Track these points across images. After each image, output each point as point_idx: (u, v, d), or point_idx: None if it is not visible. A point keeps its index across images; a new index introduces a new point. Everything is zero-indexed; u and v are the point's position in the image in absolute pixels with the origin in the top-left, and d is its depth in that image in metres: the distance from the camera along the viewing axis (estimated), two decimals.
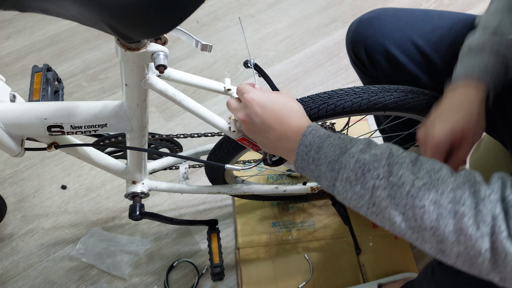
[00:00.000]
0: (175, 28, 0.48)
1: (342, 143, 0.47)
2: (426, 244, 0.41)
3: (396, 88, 0.66)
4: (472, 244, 0.37)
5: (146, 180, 0.83)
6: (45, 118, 0.55)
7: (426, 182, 0.40)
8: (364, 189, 0.43)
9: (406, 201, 0.41)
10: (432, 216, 0.39)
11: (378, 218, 0.44)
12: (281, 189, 0.88)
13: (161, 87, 0.53)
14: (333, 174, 0.46)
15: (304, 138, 0.50)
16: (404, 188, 0.41)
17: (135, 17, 0.28)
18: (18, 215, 1.18)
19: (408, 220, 0.41)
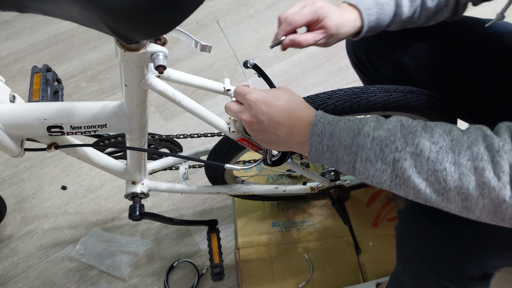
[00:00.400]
0: (175, 29, 0.49)
1: (353, 125, 0.48)
2: (452, 204, 0.43)
3: (395, 88, 0.67)
4: (496, 195, 0.40)
5: (146, 180, 0.83)
6: (45, 119, 0.55)
7: (442, 146, 0.43)
8: (385, 164, 0.45)
9: (427, 167, 0.43)
10: (454, 177, 0.41)
11: (402, 189, 0.45)
12: (281, 189, 0.88)
13: (160, 87, 0.53)
14: (351, 156, 0.47)
15: (315, 128, 0.50)
16: (423, 156, 0.43)
17: (134, 18, 0.28)
18: (17, 216, 1.18)
19: (432, 185, 0.43)
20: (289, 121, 0.52)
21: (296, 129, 0.52)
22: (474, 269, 0.61)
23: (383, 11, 0.65)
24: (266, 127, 0.53)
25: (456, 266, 0.61)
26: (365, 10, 0.64)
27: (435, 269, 0.63)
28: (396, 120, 0.47)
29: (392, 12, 0.66)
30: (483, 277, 0.63)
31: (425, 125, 0.46)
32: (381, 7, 0.65)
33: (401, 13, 0.66)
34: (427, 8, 0.67)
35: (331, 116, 0.51)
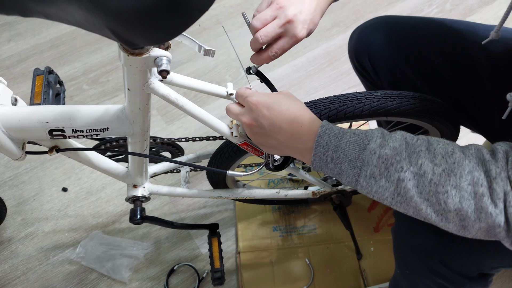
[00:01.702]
0: None
1: (359, 140, 0.48)
2: (450, 224, 0.45)
3: (399, 93, 0.66)
4: (493, 220, 0.42)
5: (147, 184, 0.83)
6: (46, 122, 0.55)
7: (445, 168, 0.44)
8: (389, 182, 0.46)
9: (429, 189, 0.44)
10: (455, 199, 0.43)
11: (402, 206, 0.47)
12: (282, 193, 0.88)
13: (163, 91, 0.53)
14: (355, 171, 0.48)
15: (320, 139, 0.50)
16: (426, 177, 0.44)
17: (139, 23, 0.28)
18: (17, 218, 1.18)
19: (432, 205, 0.44)
20: (290, 127, 0.52)
21: (298, 136, 0.52)
22: (471, 268, 0.62)
23: None
24: (267, 131, 0.53)
25: (451, 265, 0.62)
26: None
27: (430, 268, 0.63)
28: (402, 138, 0.47)
29: None
30: (480, 277, 0.64)
31: (428, 144, 0.46)
32: None
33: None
34: None
35: (336, 127, 0.51)
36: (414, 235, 0.63)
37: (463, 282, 0.63)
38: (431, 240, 0.60)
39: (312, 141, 0.51)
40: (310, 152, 0.51)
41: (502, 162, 0.43)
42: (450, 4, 1.73)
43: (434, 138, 0.48)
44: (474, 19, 1.68)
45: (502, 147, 0.45)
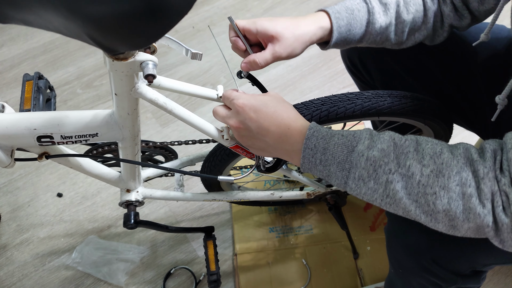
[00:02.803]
0: (164, 37, 0.48)
1: (347, 142, 0.48)
2: (439, 224, 0.45)
3: (390, 93, 0.66)
4: (481, 221, 0.42)
5: (141, 188, 0.83)
6: (34, 129, 0.54)
7: (433, 169, 0.44)
8: (378, 184, 0.46)
9: (418, 190, 0.44)
10: (443, 201, 0.43)
11: (392, 207, 0.47)
12: (277, 195, 0.88)
13: (151, 96, 0.52)
14: (344, 173, 0.48)
15: (308, 142, 0.50)
16: (414, 179, 0.44)
17: (118, 29, 0.27)
18: (12, 224, 1.17)
19: (421, 206, 0.45)
20: (278, 129, 0.52)
21: (286, 138, 0.52)
22: (463, 265, 0.62)
23: (354, 17, 0.60)
24: (255, 133, 0.53)
25: (443, 263, 0.62)
26: (334, 14, 0.60)
27: (423, 266, 0.63)
28: (390, 139, 0.47)
29: (364, 20, 0.61)
30: (473, 274, 0.64)
31: (417, 145, 0.46)
32: (352, 12, 0.60)
33: (374, 21, 0.61)
34: (402, 21, 0.63)
35: (324, 129, 0.51)
36: (406, 234, 0.63)
37: (456, 279, 0.63)
38: (423, 239, 0.60)
39: (300, 143, 0.51)
40: (298, 154, 0.51)
41: (490, 161, 0.43)
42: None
43: (423, 138, 0.48)
44: None
45: (491, 146, 0.44)
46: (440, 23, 0.65)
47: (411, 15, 0.63)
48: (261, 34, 0.57)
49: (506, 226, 0.42)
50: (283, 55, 0.57)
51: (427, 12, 0.63)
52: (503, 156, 0.43)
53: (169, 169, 0.57)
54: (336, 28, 0.60)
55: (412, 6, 0.63)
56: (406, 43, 0.66)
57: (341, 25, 0.60)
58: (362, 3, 0.62)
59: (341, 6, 0.61)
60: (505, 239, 0.43)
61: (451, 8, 0.63)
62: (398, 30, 0.64)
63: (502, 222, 0.42)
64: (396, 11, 0.63)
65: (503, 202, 0.42)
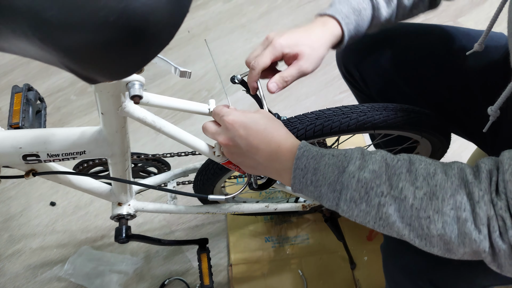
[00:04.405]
0: None
1: (338, 162, 0.47)
2: (434, 248, 0.44)
3: (385, 106, 0.65)
4: (477, 246, 0.41)
5: (133, 201, 0.81)
6: (20, 147, 0.53)
7: (426, 192, 0.43)
8: (370, 206, 0.45)
9: (411, 213, 0.43)
10: (438, 225, 0.42)
11: (385, 230, 0.46)
12: (272, 207, 0.86)
13: (139, 114, 0.51)
14: (335, 194, 0.47)
15: (298, 162, 0.49)
16: (407, 202, 0.43)
17: (93, 60, 0.26)
18: (4, 235, 1.15)
19: (415, 230, 0.43)
20: (268, 147, 0.51)
21: (276, 156, 0.50)
22: (460, 286, 0.60)
23: (361, 17, 0.62)
24: (244, 151, 0.52)
25: (440, 284, 0.60)
26: (343, 19, 0.61)
27: (419, 287, 0.62)
28: (381, 159, 0.46)
29: (370, 16, 0.63)
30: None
31: (409, 165, 0.45)
32: (359, 14, 0.62)
33: (379, 16, 0.64)
34: (404, 6, 0.65)
35: (314, 149, 0.50)
36: (402, 255, 0.61)
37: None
38: (419, 260, 0.59)
39: (290, 161, 0.49)
40: (289, 173, 0.50)
41: (485, 183, 0.41)
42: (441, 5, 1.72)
43: (417, 157, 0.47)
44: (465, 20, 1.67)
45: (486, 166, 0.43)
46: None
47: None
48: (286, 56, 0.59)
49: (503, 252, 0.40)
50: (309, 69, 0.59)
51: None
52: (499, 177, 0.42)
53: (158, 188, 0.55)
54: (347, 33, 0.61)
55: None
56: (405, 19, 0.70)
57: (351, 29, 0.62)
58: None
59: (347, 8, 0.62)
60: (503, 264, 0.42)
61: None
62: (399, 14, 0.66)
63: (499, 248, 0.40)
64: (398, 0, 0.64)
65: (499, 227, 0.40)
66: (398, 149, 0.83)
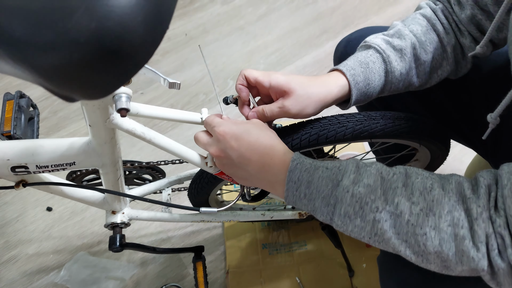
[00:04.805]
0: None
1: (332, 175, 0.46)
2: (431, 265, 0.43)
3: (383, 115, 0.63)
4: (475, 264, 0.40)
5: (127, 209, 0.80)
6: (7, 159, 0.52)
7: (423, 207, 0.42)
8: (365, 222, 0.44)
9: (407, 229, 0.42)
10: (434, 242, 0.41)
11: (381, 245, 0.45)
12: (268, 215, 0.85)
13: (128, 126, 0.50)
14: (329, 208, 0.46)
15: (292, 174, 0.48)
16: (403, 218, 0.42)
17: (67, 80, 0.25)
18: (0, 241, 1.15)
19: (411, 246, 0.42)
20: (260, 159, 0.49)
21: (269, 168, 0.49)
22: None
23: (371, 70, 0.58)
24: (236, 163, 0.51)
25: None
26: (348, 71, 0.57)
27: None
28: (377, 173, 0.45)
29: (382, 70, 0.59)
30: None
31: (406, 178, 0.44)
32: (367, 66, 0.58)
33: (393, 70, 0.59)
34: (423, 62, 0.60)
35: (308, 161, 0.48)
36: (399, 269, 0.60)
37: None
38: (416, 275, 0.57)
39: (283, 174, 0.48)
40: (282, 186, 0.49)
41: (484, 199, 0.40)
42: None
43: (413, 170, 0.46)
44: None
45: (485, 180, 0.42)
46: (461, 55, 0.62)
47: (430, 54, 0.61)
48: (274, 89, 0.55)
49: (502, 270, 0.39)
50: (292, 111, 0.54)
51: (445, 48, 0.61)
52: (498, 192, 0.41)
53: (149, 200, 0.54)
54: (353, 85, 0.57)
55: (429, 45, 0.60)
56: (430, 82, 0.64)
57: (358, 81, 0.57)
58: (375, 54, 0.59)
59: (353, 61, 0.59)
60: (502, 283, 0.40)
61: (470, 39, 0.60)
62: (420, 73, 0.62)
63: (498, 267, 0.39)
64: (414, 54, 0.60)
65: (498, 245, 0.39)
66: (397, 156, 0.81)
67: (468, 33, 0.60)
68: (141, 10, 0.23)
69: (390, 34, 0.61)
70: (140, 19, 0.23)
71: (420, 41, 0.60)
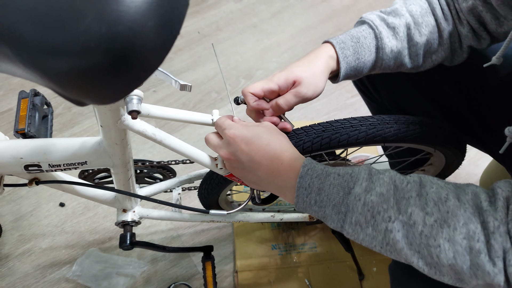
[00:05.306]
0: None
1: (343, 182, 0.45)
2: (445, 277, 0.42)
3: (397, 119, 0.62)
4: (491, 279, 0.39)
5: (138, 207, 0.80)
6: (21, 158, 0.53)
7: (437, 218, 0.41)
8: (376, 231, 0.43)
9: (420, 241, 0.41)
10: (449, 254, 0.40)
11: (392, 255, 0.44)
12: (278, 217, 0.84)
13: (139, 127, 0.50)
14: (340, 216, 0.45)
15: (302, 180, 0.47)
16: (416, 228, 0.41)
17: (77, 85, 0.25)
18: (15, 234, 1.17)
19: (424, 258, 0.41)
20: (270, 163, 0.49)
21: (279, 173, 0.49)
22: None
23: (361, 45, 0.58)
24: (246, 166, 0.50)
25: None
26: (338, 44, 0.57)
27: None
28: (390, 181, 0.44)
29: (372, 46, 0.58)
30: None
31: (420, 188, 0.43)
32: (358, 40, 0.58)
33: (384, 46, 0.58)
34: (415, 43, 0.59)
35: (319, 167, 0.48)
36: (410, 280, 0.59)
37: None
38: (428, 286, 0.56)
39: (293, 179, 0.48)
40: (292, 191, 0.48)
41: (502, 212, 0.39)
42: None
43: (428, 178, 0.44)
44: None
45: (504, 192, 0.40)
46: (458, 43, 0.61)
47: (424, 37, 0.59)
48: (283, 86, 0.56)
49: None
50: (308, 94, 0.56)
51: (442, 33, 0.60)
52: None
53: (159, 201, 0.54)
54: (342, 58, 0.57)
55: (425, 27, 0.59)
56: (423, 66, 0.63)
57: (348, 54, 0.57)
58: (368, 29, 0.59)
59: (346, 35, 0.59)
60: None
61: (468, 29, 0.59)
62: (412, 54, 0.61)
63: None
64: (407, 34, 0.59)
65: None
66: (411, 160, 0.79)
67: (467, 22, 0.59)
68: (152, 15, 0.22)
69: (387, 12, 0.61)
70: (151, 24, 0.23)
71: (416, 22, 0.59)
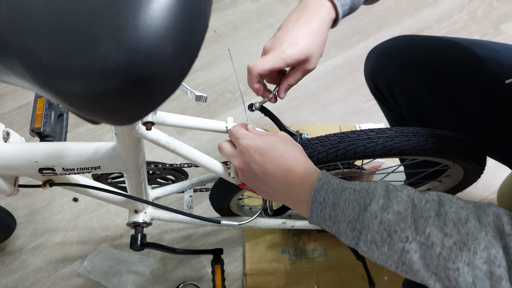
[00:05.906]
0: None
1: (359, 198, 0.44)
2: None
3: (415, 132, 0.60)
4: None
5: (149, 208, 0.81)
6: (35, 161, 0.53)
7: (456, 240, 0.39)
8: (392, 251, 0.42)
9: (438, 263, 0.40)
10: (468, 279, 0.38)
11: (408, 275, 0.42)
12: (289, 224, 0.84)
13: (153, 136, 0.49)
14: (355, 233, 0.44)
15: (317, 195, 0.46)
16: (434, 250, 0.40)
17: (92, 108, 0.24)
18: (29, 227, 1.19)
19: (441, 280, 0.40)
20: (284, 175, 0.48)
21: (293, 186, 0.48)
22: None
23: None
24: (259, 177, 0.49)
25: None
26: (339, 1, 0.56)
27: None
28: (408, 199, 0.42)
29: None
30: None
31: (439, 207, 0.41)
32: None
33: None
34: None
35: (335, 181, 0.46)
36: None
37: None
38: None
39: (307, 192, 0.47)
40: (305, 204, 0.47)
41: None
42: (482, 10, 1.61)
43: (447, 197, 0.43)
44: (509, 26, 1.56)
45: None
46: None
47: None
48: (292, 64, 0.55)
49: None
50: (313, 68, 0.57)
51: None
52: None
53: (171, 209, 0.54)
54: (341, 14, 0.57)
55: None
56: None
57: (346, 9, 0.57)
58: None
59: None
60: None
61: None
62: None
63: None
64: None
65: None
66: (429, 171, 0.77)
67: None
68: (171, 42, 0.22)
69: None
70: (169, 50, 0.22)
71: None
